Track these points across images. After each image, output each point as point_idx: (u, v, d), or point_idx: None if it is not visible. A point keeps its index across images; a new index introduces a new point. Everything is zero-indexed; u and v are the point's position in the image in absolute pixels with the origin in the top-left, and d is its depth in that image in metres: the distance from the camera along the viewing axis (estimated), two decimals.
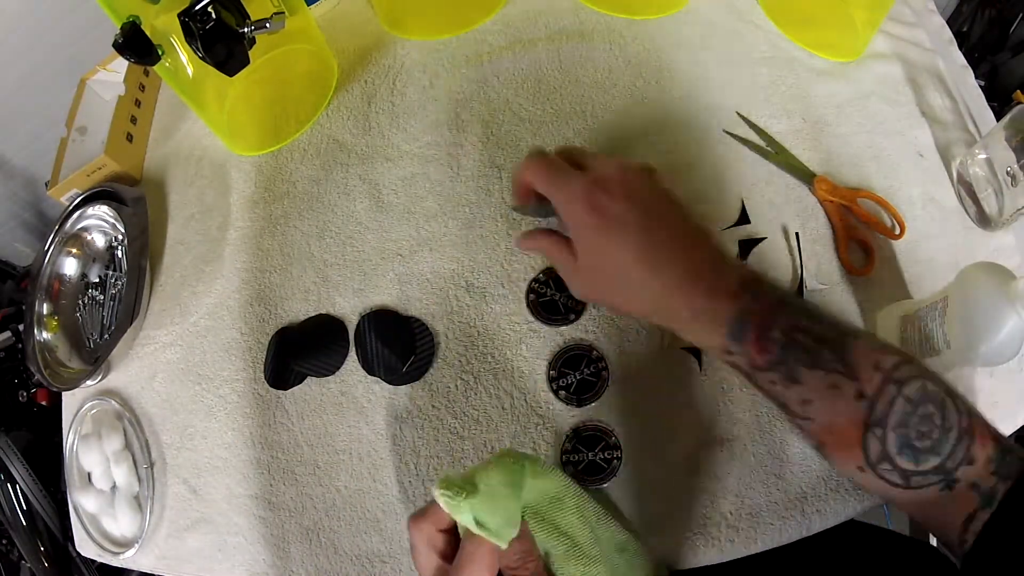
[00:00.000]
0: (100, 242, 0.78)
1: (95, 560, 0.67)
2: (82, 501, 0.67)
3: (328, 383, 0.64)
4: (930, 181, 0.65)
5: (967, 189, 0.63)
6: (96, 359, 0.70)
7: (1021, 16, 1.13)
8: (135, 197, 0.74)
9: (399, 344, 0.63)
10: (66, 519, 0.71)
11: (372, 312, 0.65)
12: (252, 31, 0.63)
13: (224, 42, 0.60)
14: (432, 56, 0.76)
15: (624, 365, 0.60)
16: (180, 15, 0.58)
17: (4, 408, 1.05)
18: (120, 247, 0.76)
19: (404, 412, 0.62)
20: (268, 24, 0.63)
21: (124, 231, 0.73)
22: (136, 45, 0.58)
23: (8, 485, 0.94)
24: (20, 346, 1.09)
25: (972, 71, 0.71)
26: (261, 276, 0.70)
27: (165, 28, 0.60)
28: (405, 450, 0.61)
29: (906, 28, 0.72)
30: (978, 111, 0.69)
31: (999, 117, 0.61)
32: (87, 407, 0.70)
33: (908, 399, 0.37)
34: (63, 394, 0.74)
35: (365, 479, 0.61)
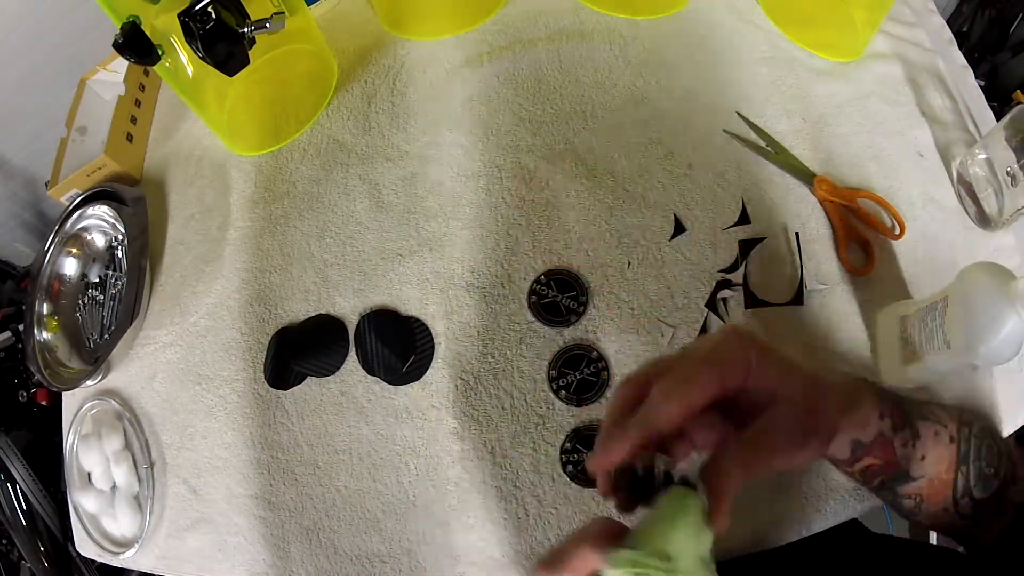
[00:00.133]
0: (100, 242, 0.78)
1: (95, 560, 0.67)
2: (82, 501, 0.67)
3: (328, 383, 0.64)
4: (930, 181, 0.65)
5: (967, 189, 0.63)
6: (96, 359, 0.70)
7: (1021, 16, 1.13)
8: (135, 197, 0.74)
9: (399, 344, 0.63)
10: (66, 519, 0.71)
11: (372, 312, 0.65)
12: (252, 31, 0.63)
13: (224, 42, 0.60)
14: (432, 56, 0.76)
15: (624, 365, 0.60)
16: (180, 15, 0.58)
17: (4, 408, 1.05)
18: (120, 247, 0.76)
19: (404, 412, 0.62)
20: (268, 24, 0.63)
21: (124, 231, 0.73)
22: (136, 45, 0.58)
23: (8, 485, 0.94)
24: (20, 346, 1.09)
25: (972, 71, 0.71)
26: (261, 276, 0.70)
27: (165, 28, 0.61)
28: (405, 450, 0.61)
29: (906, 28, 0.72)
30: (978, 111, 0.69)
31: (999, 117, 0.61)
32: (87, 407, 0.70)
33: (977, 436, 0.44)
34: (63, 394, 0.74)
35: (365, 479, 0.61)
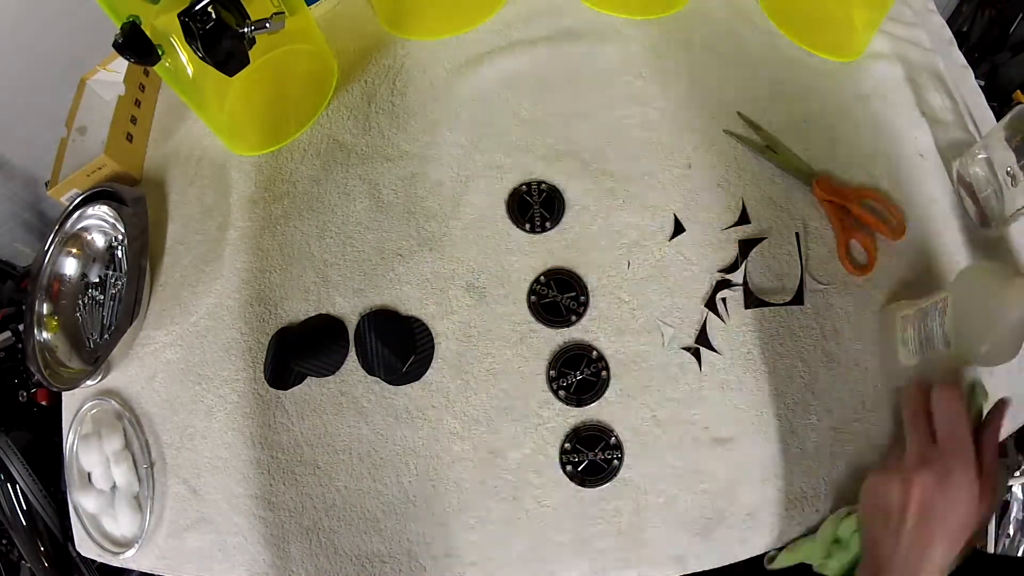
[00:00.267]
0: (100, 242, 0.77)
1: (95, 560, 0.67)
2: (82, 501, 0.67)
3: (328, 383, 0.64)
4: (930, 181, 0.65)
5: (967, 189, 0.63)
6: (96, 359, 0.70)
7: (1021, 16, 1.13)
8: (135, 197, 0.74)
9: (399, 344, 0.63)
10: (66, 519, 0.71)
11: (372, 312, 0.65)
12: (252, 31, 0.63)
13: (224, 42, 0.60)
14: (432, 56, 0.76)
15: (624, 365, 0.60)
16: (180, 15, 0.58)
17: (4, 408, 1.05)
18: (120, 247, 0.76)
19: (404, 412, 0.62)
20: (268, 24, 0.63)
21: (124, 231, 0.73)
22: (136, 45, 0.58)
23: (8, 485, 0.94)
24: (20, 346, 1.09)
25: (972, 71, 0.71)
26: (261, 276, 0.70)
27: (165, 28, 0.60)
28: (405, 450, 0.61)
29: (906, 28, 0.72)
30: (978, 111, 0.69)
31: (999, 117, 0.61)
32: (87, 407, 0.70)
33: None
34: (63, 394, 0.74)
35: (365, 479, 0.61)
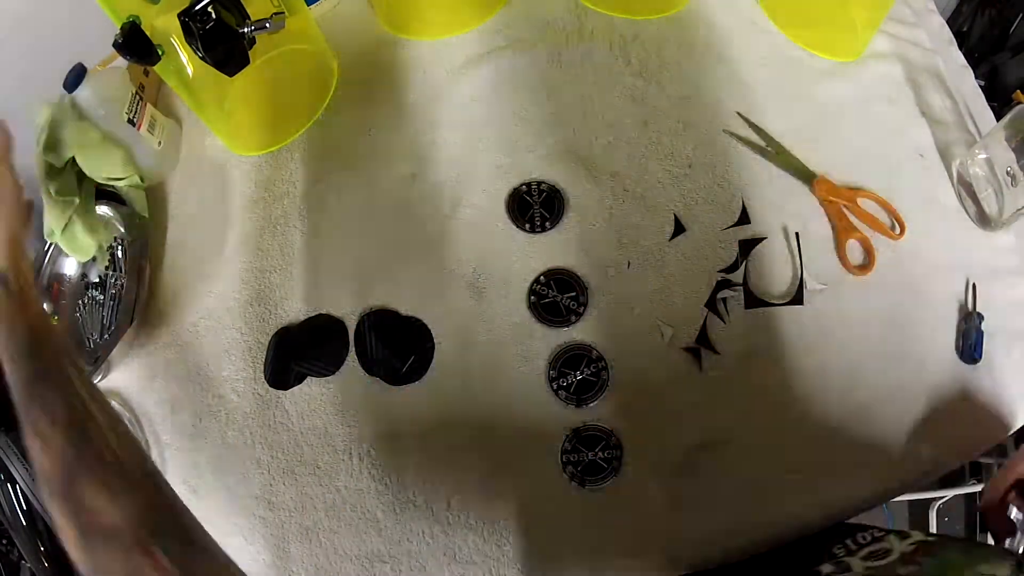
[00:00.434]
0: None
1: None
2: None
3: (328, 383, 0.64)
4: (930, 181, 0.65)
5: (967, 189, 0.63)
6: (96, 359, 0.70)
7: (1021, 16, 1.13)
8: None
9: (399, 344, 0.63)
10: None
11: (372, 312, 0.65)
12: (252, 31, 0.63)
13: (224, 42, 0.60)
14: (432, 56, 0.76)
15: (624, 365, 0.60)
16: (180, 15, 0.58)
17: (4, 408, 1.05)
18: (120, 247, 0.76)
19: (404, 412, 0.62)
20: (268, 24, 0.63)
21: (124, 231, 0.73)
22: (136, 45, 0.58)
23: (8, 485, 0.93)
24: None
25: (972, 71, 0.71)
26: (261, 276, 0.70)
27: (165, 28, 0.60)
28: (405, 450, 0.61)
29: (906, 28, 0.72)
30: (978, 111, 0.69)
31: (999, 117, 0.61)
32: None
33: None
34: None
35: (365, 479, 0.61)
